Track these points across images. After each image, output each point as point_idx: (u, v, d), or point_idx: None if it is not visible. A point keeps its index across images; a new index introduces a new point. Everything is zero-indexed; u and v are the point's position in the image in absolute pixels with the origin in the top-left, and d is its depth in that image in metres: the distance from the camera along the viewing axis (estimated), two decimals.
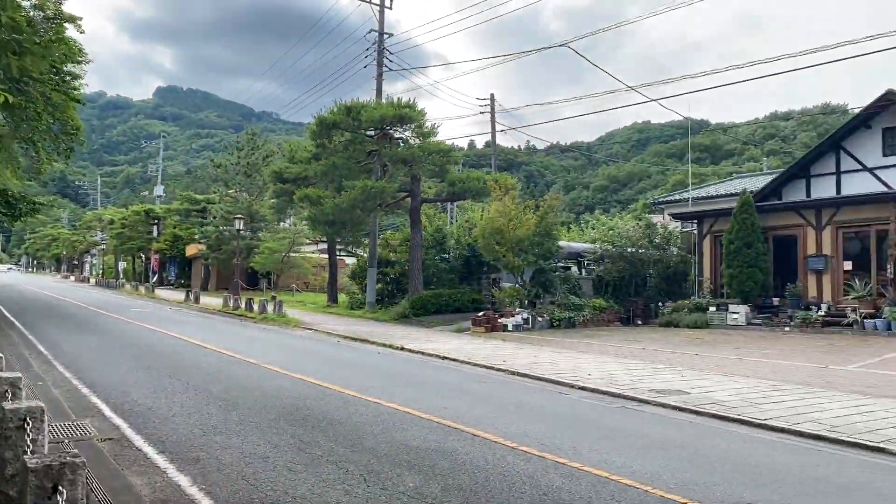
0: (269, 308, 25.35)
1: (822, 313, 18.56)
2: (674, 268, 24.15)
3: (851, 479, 5.93)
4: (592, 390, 10.42)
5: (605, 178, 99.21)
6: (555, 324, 20.89)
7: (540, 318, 20.80)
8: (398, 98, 23.57)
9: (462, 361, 13.76)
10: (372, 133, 24.06)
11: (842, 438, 7.42)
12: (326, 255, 48.94)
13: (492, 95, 37.20)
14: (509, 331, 19.97)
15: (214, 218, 45.33)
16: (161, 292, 45.48)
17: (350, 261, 45.12)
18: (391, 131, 24.26)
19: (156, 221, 62.69)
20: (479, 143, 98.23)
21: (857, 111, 22.98)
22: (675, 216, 25.29)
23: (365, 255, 30.42)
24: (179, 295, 42.46)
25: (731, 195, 36.81)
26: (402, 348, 15.94)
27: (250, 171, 45.40)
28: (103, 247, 78.16)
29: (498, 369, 12.73)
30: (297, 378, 10.73)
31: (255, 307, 26.48)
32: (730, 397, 9.67)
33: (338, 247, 36.04)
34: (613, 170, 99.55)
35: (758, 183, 39.23)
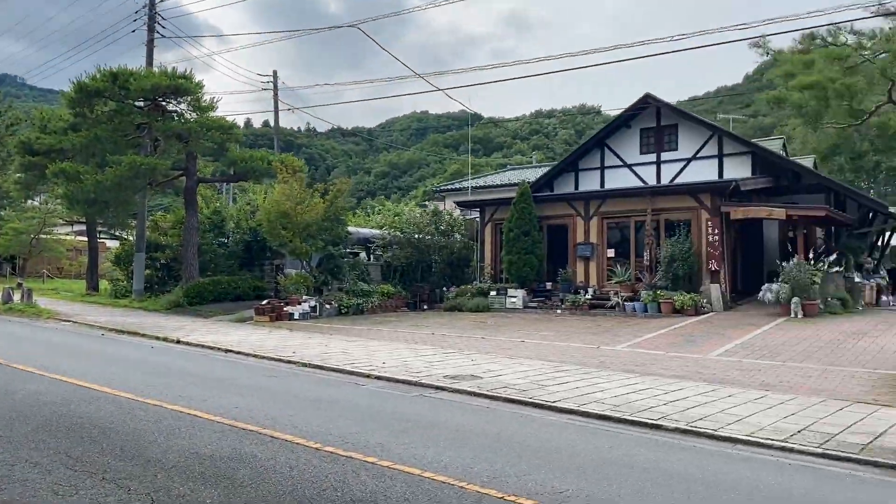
0: (16, 297, 22.21)
1: (589, 297, 20.13)
2: (457, 254, 24.87)
3: (644, 458, 6.28)
4: (389, 379, 10.23)
5: (386, 164, 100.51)
6: (343, 311, 20.54)
7: (328, 306, 20.33)
8: (173, 67, 21.68)
9: (247, 354, 12.94)
10: (142, 104, 21.87)
11: (625, 417, 7.90)
12: (84, 238, 44.38)
13: (274, 72, 35.76)
14: (296, 319, 19.27)
15: None
16: None
17: (112, 244, 41.17)
18: (164, 103, 22.23)
19: None
20: (257, 123, 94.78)
21: (612, 113, 25.22)
22: (460, 204, 26.08)
23: (131, 238, 27.79)
24: None
25: (508, 185, 38.96)
26: (179, 341, 14.67)
27: None
28: None
29: (287, 361, 12.13)
30: (57, 379, 9.32)
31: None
32: (519, 380, 9.99)
33: (98, 229, 32.60)
34: (394, 156, 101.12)
35: (528, 174, 41.88)
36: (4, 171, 39.25)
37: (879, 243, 23.92)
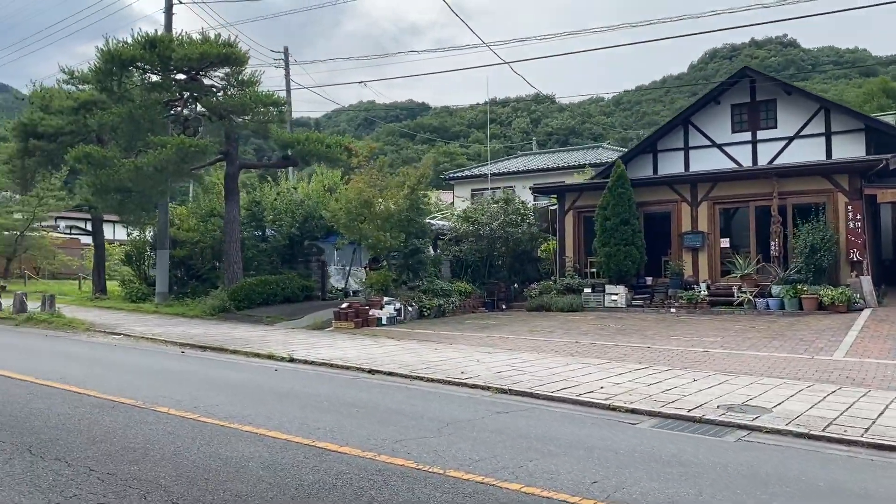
0: (31, 305, 18.93)
1: (705, 293, 17.92)
2: (525, 245, 22.40)
3: None
4: (669, 416, 7.75)
5: None
6: (424, 313, 17.92)
7: (409, 308, 17.68)
8: (216, 34, 18.59)
9: (407, 376, 10.29)
10: (182, 77, 18.74)
11: None
12: (65, 234, 40.31)
13: (286, 49, 32.76)
14: (384, 325, 16.57)
15: None
16: None
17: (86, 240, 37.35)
18: (202, 77, 19.15)
19: None
20: None
21: (565, 101, 23.03)
22: (535, 190, 23.48)
23: (145, 234, 24.52)
24: None
25: (526, 171, 36.73)
26: (293, 359, 11.87)
27: None
28: None
29: (462, 384, 9.58)
30: (256, 433, 6.57)
31: (5, 304, 19.72)
32: (822, 412, 7.65)
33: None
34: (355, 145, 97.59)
35: (538, 161, 39.72)
36: None
37: None
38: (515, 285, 21.47)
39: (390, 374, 10.51)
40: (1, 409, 7.42)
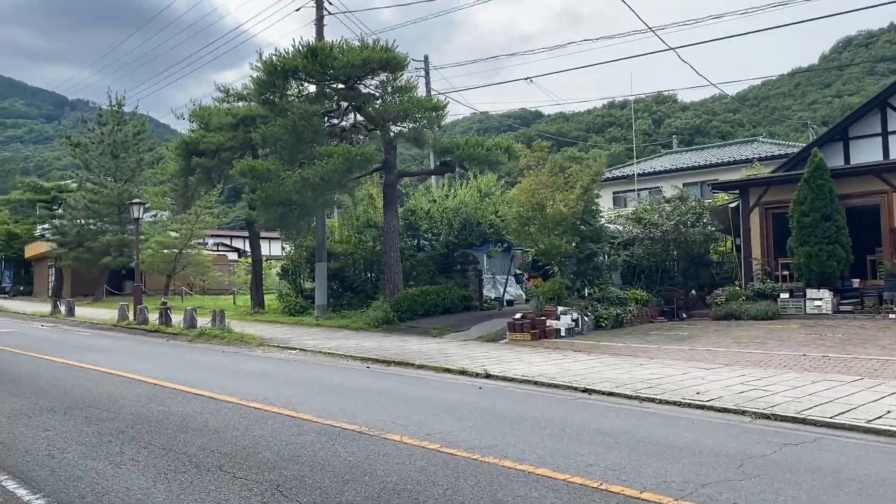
0: (201, 321, 19.10)
1: None
2: (699, 248, 20.55)
3: None
4: None
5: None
6: (602, 323, 16.55)
7: (585, 318, 16.36)
8: (374, 38, 18.09)
9: (626, 396, 9.00)
10: (340, 85, 18.38)
11: None
12: (213, 251, 41.84)
13: (426, 57, 32.34)
14: (562, 336, 15.35)
15: (73, 209, 36.78)
16: (3, 302, 36.48)
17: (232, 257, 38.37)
18: (359, 85, 18.73)
19: None
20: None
21: (687, 100, 20.38)
22: (716, 187, 21.55)
23: (301, 248, 24.49)
24: (33, 306, 33.94)
25: (675, 170, 34.49)
26: (489, 375, 10.86)
27: (117, 151, 37.38)
28: None
29: (706, 406, 8.18)
30: (523, 471, 5.53)
31: (176, 320, 20.05)
32: None
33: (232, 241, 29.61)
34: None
35: (688, 158, 37.25)
36: (133, 182, 36.96)
37: None
38: (693, 291, 19.66)
39: (610, 394, 9.25)
40: (224, 437, 6.76)
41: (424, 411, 8.14)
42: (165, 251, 30.85)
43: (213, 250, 42.58)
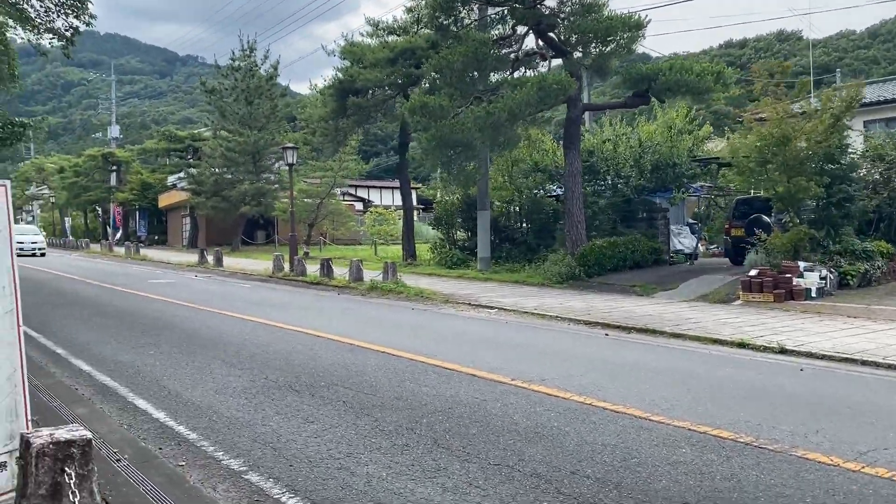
0: (338, 271, 17.80)
1: None
2: None
3: None
4: None
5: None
6: (849, 281, 13.80)
7: (830, 275, 13.64)
8: None
9: None
10: (518, 5, 16.00)
11: None
12: (350, 201, 40.92)
13: None
14: (813, 297, 12.74)
15: (210, 157, 36.41)
16: (145, 251, 36.79)
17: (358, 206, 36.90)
18: (540, 6, 16.29)
19: (115, 167, 53.09)
20: None
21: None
22: None
23: (459, 195, 22.60)
24: (176, 255, 33.96)
25: None
26: (784, 349, 8.55)
27: (251, 97, 36.55)
28: (50, 200, 66.95)
29: None
30: None
31: (338, 272, 18.71)
32: None
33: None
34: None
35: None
36: (268, 129, 36.09)
37: None
38: None
39: None
40: (559, 445, 4.82)
41: (742, 399, 6.07)
42: (307, 200, 29.76)
43: (343, 200, 41.65)
